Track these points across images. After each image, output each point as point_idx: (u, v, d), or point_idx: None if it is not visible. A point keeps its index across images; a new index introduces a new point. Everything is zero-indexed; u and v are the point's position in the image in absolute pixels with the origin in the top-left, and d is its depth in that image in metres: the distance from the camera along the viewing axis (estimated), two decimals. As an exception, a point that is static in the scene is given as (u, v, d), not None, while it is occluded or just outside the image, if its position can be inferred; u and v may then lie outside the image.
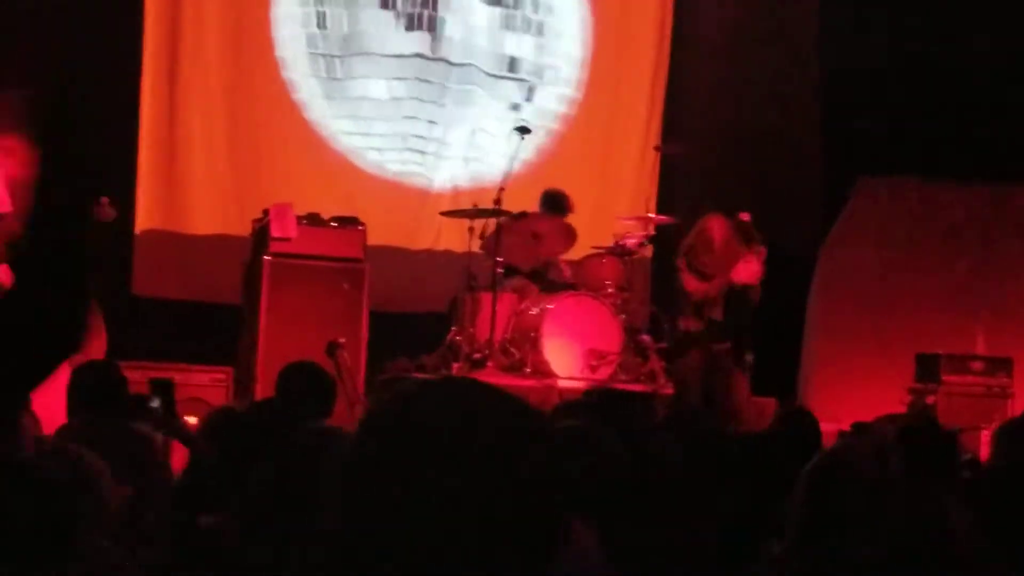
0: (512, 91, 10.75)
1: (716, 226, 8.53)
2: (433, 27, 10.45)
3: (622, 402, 3.05)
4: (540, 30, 10.82)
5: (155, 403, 6.06)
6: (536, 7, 10.80)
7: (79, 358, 7.11)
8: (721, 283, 8.44)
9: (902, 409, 8.85)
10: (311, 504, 1.69)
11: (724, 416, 7.88)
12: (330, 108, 10.32)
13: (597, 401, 2.99)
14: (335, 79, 10.31)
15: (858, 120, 10.18)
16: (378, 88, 10.39)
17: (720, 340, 8.41)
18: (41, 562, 2.41)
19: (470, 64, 10.53)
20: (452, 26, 10.47)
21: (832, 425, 8.19)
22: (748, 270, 8.39)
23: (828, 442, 5.17)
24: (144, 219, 9.82)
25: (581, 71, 10.93)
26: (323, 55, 10.29)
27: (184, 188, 9.94)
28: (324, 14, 10.27)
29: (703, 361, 8.41)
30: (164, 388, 6.51)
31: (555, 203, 9.54)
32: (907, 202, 10.37)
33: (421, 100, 10.46)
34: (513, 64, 10.74)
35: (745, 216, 8.57)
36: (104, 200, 7.23)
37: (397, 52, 10.40)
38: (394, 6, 10.36)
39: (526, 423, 1.43)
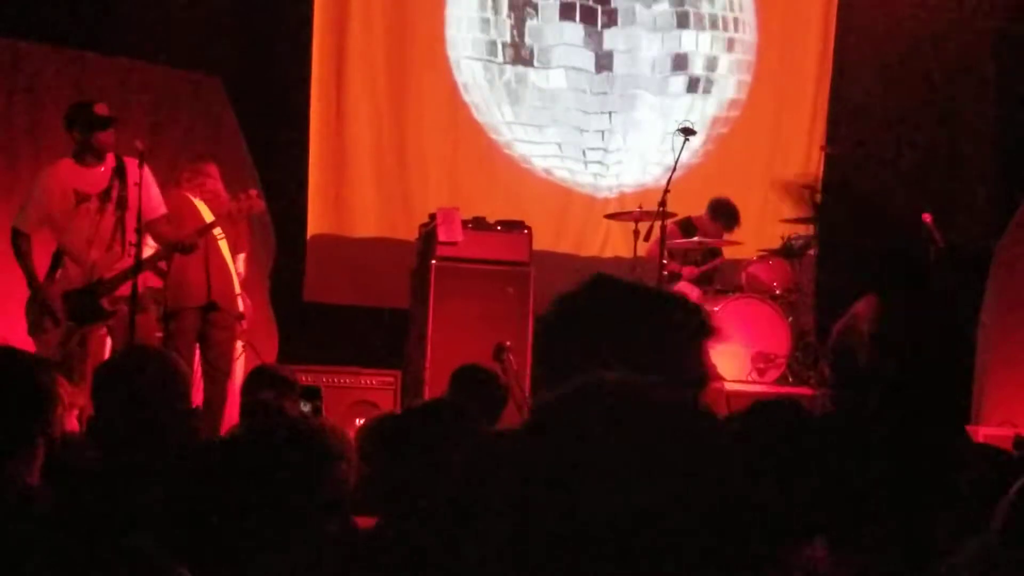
0: (677, 95, 10.69)
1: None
2: (604, 37, 10.47)
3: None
4: (711, 36, 10.74)
5: (306, 408, 6.19)
6: (712, 16, 10.71)
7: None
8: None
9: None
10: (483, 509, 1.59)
11: None
12: (500, 114, 10.38)
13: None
14: (505, 85, 10.38)
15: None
16: (547, 95, 10.43)
17: None
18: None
19: (637, 70, 10.51)
20: (622, 35, 10.48)
21: (1009, 430, 8.01)
22: None
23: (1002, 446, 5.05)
24: (315, 225, 10.00)
25: (745, 73, 10.83)
26: (496, 62, 10.36)
27: (353, 193, 10.08)
28: (501, 21, 10.34)
29: None
30: (312, 394, 6.70)
31: (722, 213, 9.46)
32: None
33: (589, 107, 10.47)
34: (679, 68, 10.69)
35: (927, 217, 8.42)
36: (252, 192, 7.35)
37: (568, 61, 10.43)
38: (570, 16, 10.39)
39: (708, 438, 1.30)
